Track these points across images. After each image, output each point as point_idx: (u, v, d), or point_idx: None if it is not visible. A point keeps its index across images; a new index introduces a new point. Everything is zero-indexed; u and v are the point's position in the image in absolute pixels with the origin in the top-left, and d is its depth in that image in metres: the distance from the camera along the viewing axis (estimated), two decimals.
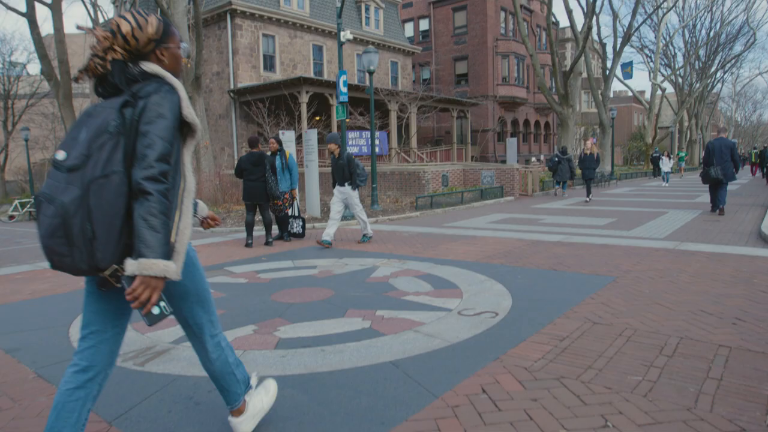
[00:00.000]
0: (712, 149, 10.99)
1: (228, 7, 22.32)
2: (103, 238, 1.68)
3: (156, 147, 1.71)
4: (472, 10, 33.92)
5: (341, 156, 8.18)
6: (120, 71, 1.84)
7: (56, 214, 1.67)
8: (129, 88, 1.83)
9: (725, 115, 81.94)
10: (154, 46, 1.92)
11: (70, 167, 1.71)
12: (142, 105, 1.77)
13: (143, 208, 1.66)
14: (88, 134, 1.74)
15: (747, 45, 45.41)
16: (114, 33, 1.85)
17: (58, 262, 1.71)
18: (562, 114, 25.90)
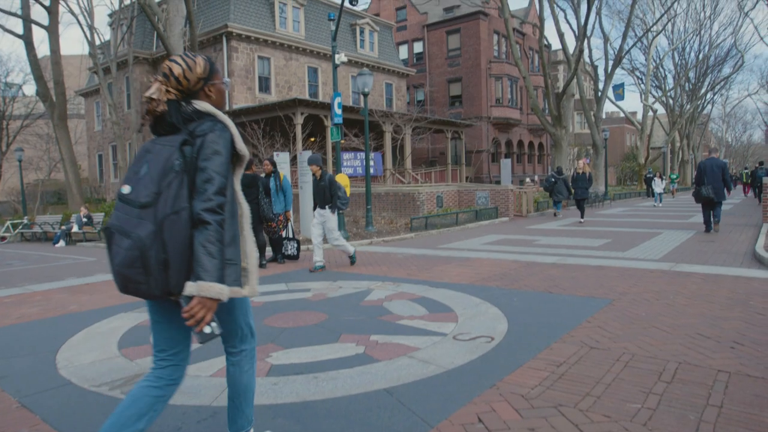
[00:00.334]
0: (703, 169, 11.16)
1: (224, 30, 22.54)
2: (177, 267, 1.88)
3: (214, 182, 1.91)
4: (466, 33, 34.40)
5: (323, 178, 7.99)
6: (176, 111, 2.03)
7: (133, 246, 1.84)
8: (186, 127, 2.02)
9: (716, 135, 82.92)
10: (203, 84, 2.11)
11: (143, 204, 1.88)
12: (199, 143, 1.96)
13: (202, 236, 1.87)
14: (154, 171, 1.92)
15: (735, 67, 46.11)
16: (167, 76, 2.05)
17: (133, 288, 1.90)
18: (555, 135, 26.11)
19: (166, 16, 19.15)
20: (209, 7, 24.32)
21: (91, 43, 24.05)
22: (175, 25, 18.56)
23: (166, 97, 2.02)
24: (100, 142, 31.18)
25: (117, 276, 1.90)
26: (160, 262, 1.86)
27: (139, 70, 26.30)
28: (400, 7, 37.76)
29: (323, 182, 7.95)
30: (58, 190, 34.83)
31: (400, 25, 37.06)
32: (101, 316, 5.62)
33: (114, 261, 1.90)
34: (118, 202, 1.94)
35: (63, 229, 17.31)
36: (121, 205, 1.92)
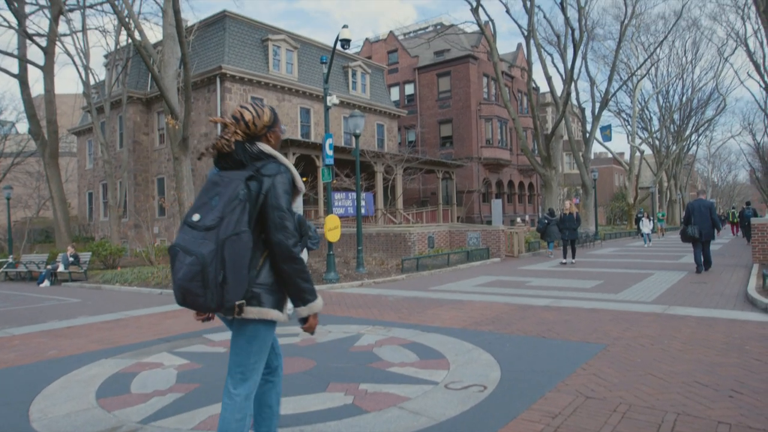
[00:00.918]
0: (692, 209, 11.48)
1: (218, 71, 22.88)
2: (233, 283, 2.13)
3: (290, 219, 2.31)
4: (456, 75, 35.17)
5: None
6: (243, 150, 2.34)
7: (196, 262, 2.08)
8: (252, 164, 2.32)
9: (702, 176, 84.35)
10: (266, 131, 2.45)
11: (208, 227, 2.13)
12: (269, 183, 2.27)
13: (296, 268, 2.28)
14: (222, 200, 2.19)
15: (718, 110, 47.34)
16: (238, 120, 2.38)
17: (192, 301, 2.12)
18: (545, 176, 26.40)
19: (161, 58, 19.44)
20: (204, 49, 24.75)
21: (86, 83, 24.27)
22: (169, 66, 18.82)
23: (234, 138, 2.34)
24: (91, 181, 31.09)
25: (178, 289, 2.12)
26: (218, 278, 2.10)
27: (132, 110, 26.50)
28: (391, 51, 38.66)
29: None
30: (46, 228, 34.48)
31: (392, 67, 37.87)
32: (81, 363, 5.42)
33: (176, 275, 2.12)
34: (185, 227, 2.20)
35: (48, 268, 17.00)
36: (187, 229, 2.18)
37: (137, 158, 26.64)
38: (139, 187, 26.72)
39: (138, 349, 6.00)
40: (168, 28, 18.72)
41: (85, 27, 24.29)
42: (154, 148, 27.00)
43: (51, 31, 23.46)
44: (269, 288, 2.28)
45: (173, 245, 2.18)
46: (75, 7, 24.63)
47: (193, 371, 4.89)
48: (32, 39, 23.37)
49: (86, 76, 24.21)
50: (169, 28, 18.65)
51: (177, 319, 8.13)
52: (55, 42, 23.65)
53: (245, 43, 24.77)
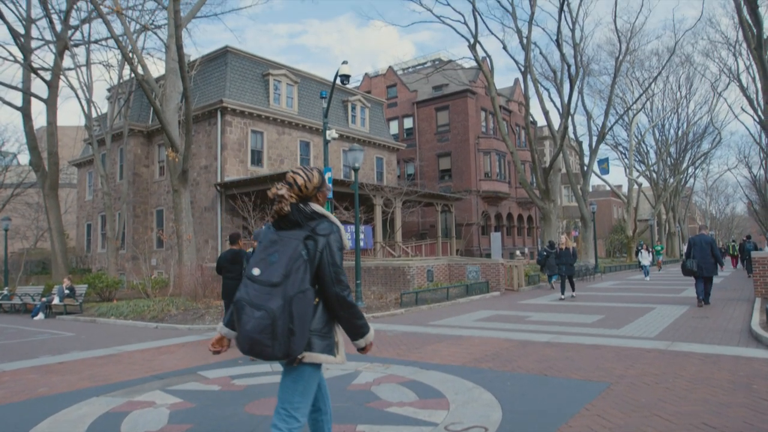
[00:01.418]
0: (693, 244, 11.74)
1: (219, 105, 23.14)
2: (299, 334, 2.38)
3: (343, 272, 2.56)
4: (454, 109, 35.61)
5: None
6: (297, 211, 2.59)
7: (266, 316, 2.31)
8: (307, 224, 2.56)
9: (700, 208, 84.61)
10: (316, 192, 2.71)
11: (274, 283, 2.36)
12: (324, 242, 2.52)
13: (352, 312, 2.58)
14: (284, 258, 2.41)
15: (713, 144, 47.84)
16: (291, 184, 2.65)
17: (259, 351, 2.34)
18: (544, 209, 26.44)
19: (162, 92, 19.71)
20: (206, 83, 25.11)
21: (88, 116, 24.52)
22: (171, 100, 19.06)
23: (290, 200, 2.59)
24: (90, 212, 31.09)
25: (246, 340, 2.33)
26: (287, 331, 2.33)
27: (133, 142, 26.70)
28: (390, 85, 39.26)
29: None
30: (44, 259, 34.28)
31: (391, 101, 38.38)
32: (71, 401, 5.27)
33: (245, 327, 2.33)
34: (247, 281, 2.42)
35: (43, 301, 16.82)
36: (250, 284, 2.40)
37: (137, 190, 26.70)
38: (138, 219, 26.70)
39: (130, 386, 5.85)
40: (171, 62, 19.04)
41: (89, 61, 24.67)
42: (153, 180, 27.11)
43: (56, 65, 23.85)
44: (320, 333, 2.52)
45: (239, 299, 2.40)
46: (80, 42, 25.10)
47: (186, 411, 4.75)
48: (37, 73, 23.73)
49: (89, 109, 24.48)
50: (171, 62, 18.97)
51: (171, 355, 7.98)
52: (59, 76, 24.00)
53: (246, 78, 25.14)
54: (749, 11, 19.16)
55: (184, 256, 17.80)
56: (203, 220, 23.86)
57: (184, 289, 15.80)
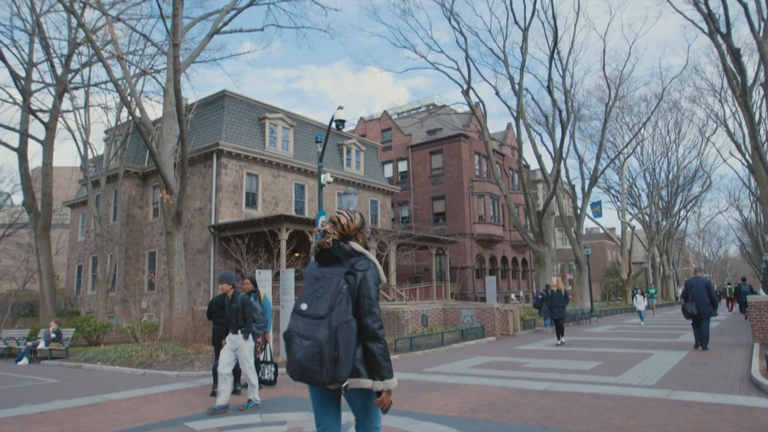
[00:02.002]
0: (689, 287, 11.90)
1: (215, 147, 23.32)
2: (344, 361, 2.61)
3: (377, 306, 2.78)
4: (448, 153, 36.05)
5: (234, 298, 7.20)
6: (339, 248, 2.85)
7: (314, 345, 2.57)
8: (347, 260, 2.83)
9: (693, 251, 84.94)
10: (356, 232, 2.99)
11: (320, 316, 2.63)
12: (361, 276, 2.78)
13: (380, 347, 2.72)
14: (327, 293, 2.69)
15: (704, 187, 48.48)
16: (335, 223, 2.94)
17: (308, 377, 2.59)
18: (538, 252, 26.43)
19: (159, 134, 19.87)
20: (202, 125, 25.39)
21: (84, 158, 24.60)
22: (167, 142, 19.19)
23: (332, 237, 2.86)
24: (82, 253, 30.79)
25: (297, 367, 2.60)
26: (333, 358, 2.58)
27: (128, 183, 26.74)
28: (385, 129, 39.85)
29: (235, 303, 7.13)
30: (32, 301, 33.68)
31: (386, 145, 38.86)
32: None
33: (295, 356, 2.60)
34: (296, 315, 2.72)
35: (28, 345, 16.37)
36: (298, 317, 2.69)
37: (130, 231, 26.56)
38: (130, 261, 26.44)
39: None
40: (168, 106, 19.28)
41: (88, 104, 24.93)
42: (147, 221, 27.00)
43: (54, 107, 24.11)
44: (364, 362, 2.73)
45: (288, 330, 2.68)
46: (80, 85, 25.45)
47: None
48: (35, 115, 23.96)
49: (85, 151, 24.58)
50: (169, 106, 19.20)
51: (158, 404, 7.72)
52: (57, 118, 24.23)
53: (243, 121, 25.45)
54: (733, 60, 19.76)
55: (175, 299, 17.53)
56: (196, 262, 23.65)
57: (174, 334, 15.46)
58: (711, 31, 19.75)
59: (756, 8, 19.33)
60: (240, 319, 7.08)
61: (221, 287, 7.31)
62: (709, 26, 19.76)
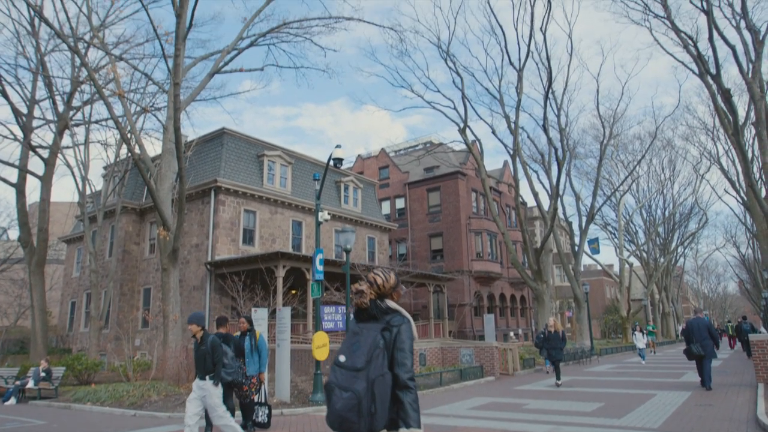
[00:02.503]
0: (691, 328, 11.90)
1: (213, 184, 23.40)
2: (381, 413, 2.77)
3: (409, 359, 2.93)
4: (445, 190, 36.25)
5: (204, 341, 6.77)
6: (375, 306, 3.07)
7: (353, 397, 2.73)
8: (383, 317, 3.03)
9: (692, 287, 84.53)
10: (392, 291, 3.17)
11: (358, 368, 2.82)
12: (396, 331, 2.97)
13: (409, 397, 2.84)
14: (365, 347, 2.88)
15: (700, 224, 48.59)
16: (371, 283, 3.14)
17: (347, 427, 2.73)
18: (537, 289, 26.27)
19: (158, 171, 19.95)
20: (201, 162, 25.55)
21: (82, 194, 24.60)
22: (166, 179, 19.26)
23: (369, 297, 3.08)
24: (76, 289, 30.46)
25: (336, 418, 2.74)
26: (370, 409, 2.74)
27: (125, 219, 26.69)
28: (383, 166, 40.18)
29: (204, 346, 6.71)
30: (23, 338, 33.10)
31: (383, 182, 39.09)
32: None
33: (335, 407, 2.75)
34: (335, 367, 2.90)
35: (17, 384, 16.00)
36: (337, 369, 2.88)
37: (125, 267, 26.35)
38: (125, 297, 26.14)
39: None
40: (168, 143, 19.42)
41: (88, 141, 25.07)
42: (143, 257, 26.84)
43: (54, 143, 24.27)
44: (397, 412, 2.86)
45: (329, 382, 2.84)
46: (80, 122, 25.69)
47: None
48: (35, 151, 24.08)
49: (83, 187, 24.60)
50: (168, 143, 19.34)
51: None
52: (57, 154, 24.35)
53: (241, 158, 25.64)
54: (724, 100, 20.16)
55: (169, 337, 17.24)
56: (191, 299, 23.39)
57: (167, 373, 15.14)
58: (701, 72, 20.22)
59: (743, 50, 19.87)
60: (209, 364, 6.63)
61: (190, 328, 6.88)
62: (699, 67, 20.25)
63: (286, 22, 22.13)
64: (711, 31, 18.96)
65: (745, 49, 19.82)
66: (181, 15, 16.09)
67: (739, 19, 19.76)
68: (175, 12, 16.17)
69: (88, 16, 19.99)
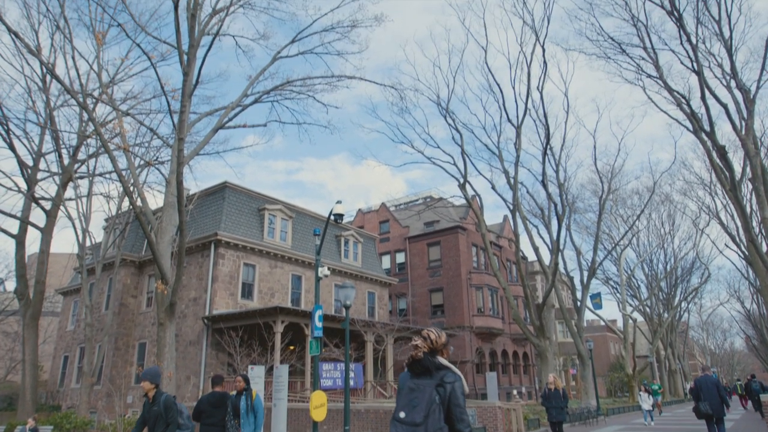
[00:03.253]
0: (699, 386, 11.71)
1: (213, 237, 23.39)
2: None
3: (466, 414, 3.24)
4: (446, 245, 36.21)
5: (156, 401, 6.21)
6: (429, 360, 3.36)
7: None
8: (437, 373, 3.33)
9: (698, 343, 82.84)
10: (442, 347, 3.47)
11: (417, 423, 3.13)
12: (450, 388, 3.27)
13: None
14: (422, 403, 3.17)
15: (702, 279, 48.16)
16: (425, 338, 3.45)
17: None
18: (539, 346, 25.75)
19: (159, 224, 19.99)
20: (202, 216, 25.65)
21: (82, 246, 24.55)
22: (166, 233, 19.26)
23: (423, 350, 3.39)
24: (69, 343, 29.88)
25: None
26: None
27: (124, 272, 26.52)
28: (383, 221, 40.32)
29: (156, 406, 6.15)
30: (12, 393, 32.19)
31: (383, 236, 39.11)
32: None
33: None
34: (395, 422, 3.21)
35: None
36: (398, 424, 3.19)
37: (121, 321, 25.95)
38: (119, 352, 25.61)
39: None
40: (170, 197, 19.55)
41: (91, 193, 25.26)
42: (140, 311, 26.49)
43: (57, 196, 24.43)
44: None
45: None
46: (85, 175, 25.98)
47: None
48: (38, 203, 24.21)
49: (83, 239, 24.57)
50: (170, 197, 19.47)
51: None
52: (59, 206, 24.47)
53: (242, 212, 25.76)
54: (719, 156, 20.43)
55: None
56: (187, 354, 22.89)
57: None
58: (695, 129, 20.60)
59: (735, 108, 20.30)
60: (160, 426, 6.10)
61: (142, 385, 6.28)
62: (693, 125, 20.64)
63: (290, 80, 22.77)
64: (703, 90, 19.47)
65: (737, 108, 20.24)
66: (188, 73, 16.58)
67: (729, 78, 20.30)
68: (182, 70, 16.66)
69: (98, 73, 20.59)
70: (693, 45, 19.51)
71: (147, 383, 6.24)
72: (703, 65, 19.72)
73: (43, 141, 25.37)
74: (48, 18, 22.43)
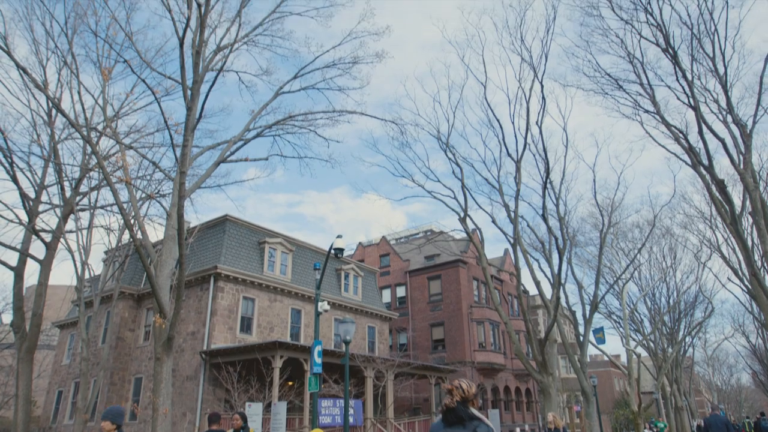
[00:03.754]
0: (708, 425, 11.80)
1: (213, 270, 23.28)
2: None
3: None
4: (446, 279, 36.00)
5: None
6: (462, 409, 3.55)
7: None
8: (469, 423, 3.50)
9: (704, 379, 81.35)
10: (473, 398, 3.64)
11: None
12: None
13: None
14: None
15: (706, 313, 47.61)
16: (458, 387, 3.64)
17: None
18: (542, 382, 25.30)
19: (158, 257, 19.92)
20: (202, 249, 25.59)
21: (80, 278, 24.42)
22: (166, 266, 19.17)
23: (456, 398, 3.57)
24: (64, 377, 29.39)
25: None
26: None
27: (122, 305, 26.31)
28: (383, 254, 40.21)
29: None
30: (3, 430, 31.50)
31: (384, 270, 38.92)
32: None
33: None
34: None
35: None
36: None
37: (118, 355, 25.59)
38: (114, 387, 25.16)
39: None
40: (170, 230, 19.54)
41: (92, 225, 25.29)
42: (137, 345, 26.15)
43: (58, 228, 24.42)
44: None
45: None
46: (86, 207, 26.05)
47: None
48: (38, 235, 24.18)
49: (82, 272, 24.47)
50: (171, 230, 19.46)
51: None
52: (59, 238, 24.43)
53: (242, 245, 25.72)
54: (719, 190, 20.48)
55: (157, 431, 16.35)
56: (183, 390, 22.48)
57: None
58: (694, 163, 20.72)
59: (733, 143, 20.46)
60: None
61: (102, 425, 5.62)
62: (691, 159, 20.77)
63: (292, 115, 23.06)
64: (700, 126, 19.66)
65: (735, 142, 20.38)
66: (192, 108, 16.79)
67: (726, 114, 20.52)
68: (186, 105, 16.88)
69: (103, 107, 20.87)
70: (689, 81, 19.81)
71: (108, 423, 5.51)
72: (699, 101, 19.97)
73: (46, 173, 25.52)
74: (56, 54, 22.88)
